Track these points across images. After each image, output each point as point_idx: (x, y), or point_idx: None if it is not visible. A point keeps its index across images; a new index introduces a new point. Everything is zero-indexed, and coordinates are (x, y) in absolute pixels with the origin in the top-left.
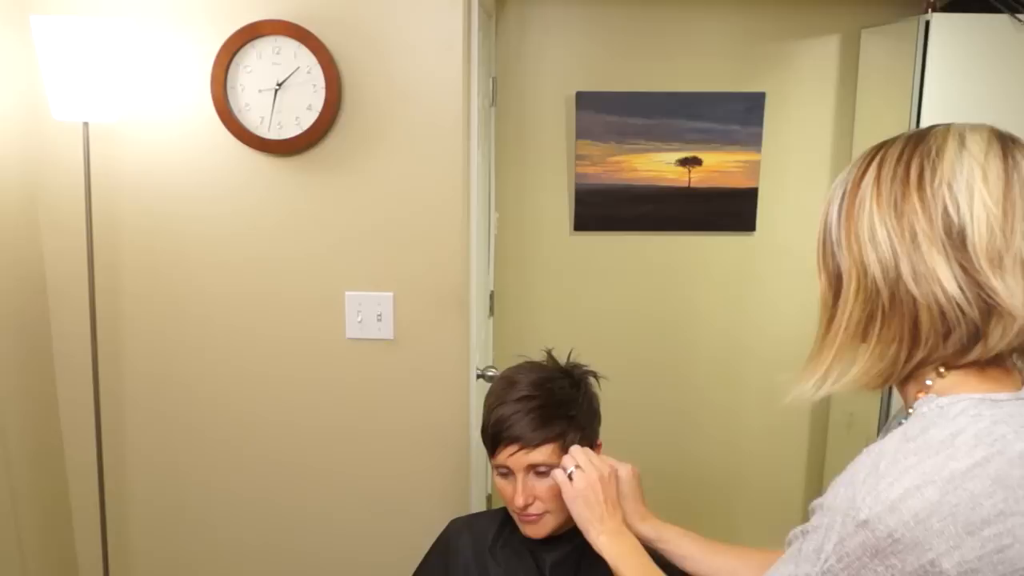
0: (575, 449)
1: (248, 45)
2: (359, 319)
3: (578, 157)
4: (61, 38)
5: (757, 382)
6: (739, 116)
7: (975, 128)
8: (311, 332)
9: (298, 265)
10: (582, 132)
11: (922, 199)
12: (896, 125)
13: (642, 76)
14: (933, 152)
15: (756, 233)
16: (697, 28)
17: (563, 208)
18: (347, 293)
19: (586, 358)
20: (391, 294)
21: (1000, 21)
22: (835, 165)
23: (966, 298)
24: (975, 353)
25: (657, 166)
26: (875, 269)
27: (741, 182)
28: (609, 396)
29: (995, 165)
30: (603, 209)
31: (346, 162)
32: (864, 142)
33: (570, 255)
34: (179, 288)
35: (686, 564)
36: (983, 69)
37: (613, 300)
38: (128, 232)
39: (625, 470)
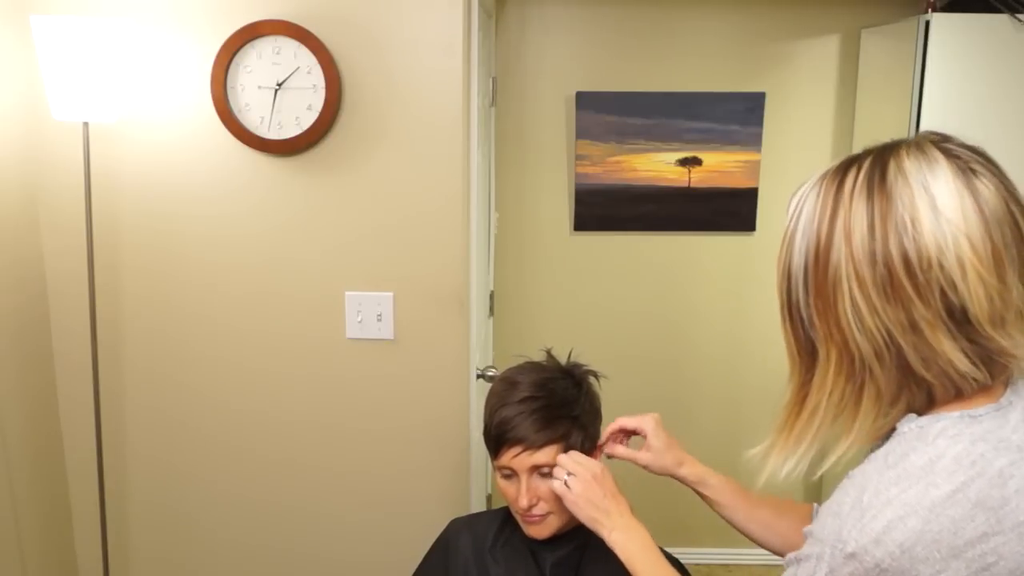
0: (562, 458)
1: (248, 45)
2: (359, 319)
3: (578, 157)
4: (61, 38)
5: (757, 382)
6: (739, 116)
7: (935, 170)
8: (311, 332)
9: (298, 265)
10: (582, 132)
11: (916, 285)
12: (896, 125)
13: (642, 76)
14: (909, 225)
15: (756, 233)
16: (697, 28)
17: (563, 208)
18: (347, 293)
19: (586, 358)
20: (391, 294)
21: (1000, 21)
22: None
23: (977, 366)
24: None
25: (657, 166)
26: (866, 352)
27: (741, 182)
28: (609, 396)
29: (975, 222)
30: (603, 209)
31: (346, 162)
32: (864, 142)
33: (570, 255)
34: (179, 288)
35: (724, 512)
36: (983, 69)
37: (613, 300)
38: (128, 232)
39: (649, 422)
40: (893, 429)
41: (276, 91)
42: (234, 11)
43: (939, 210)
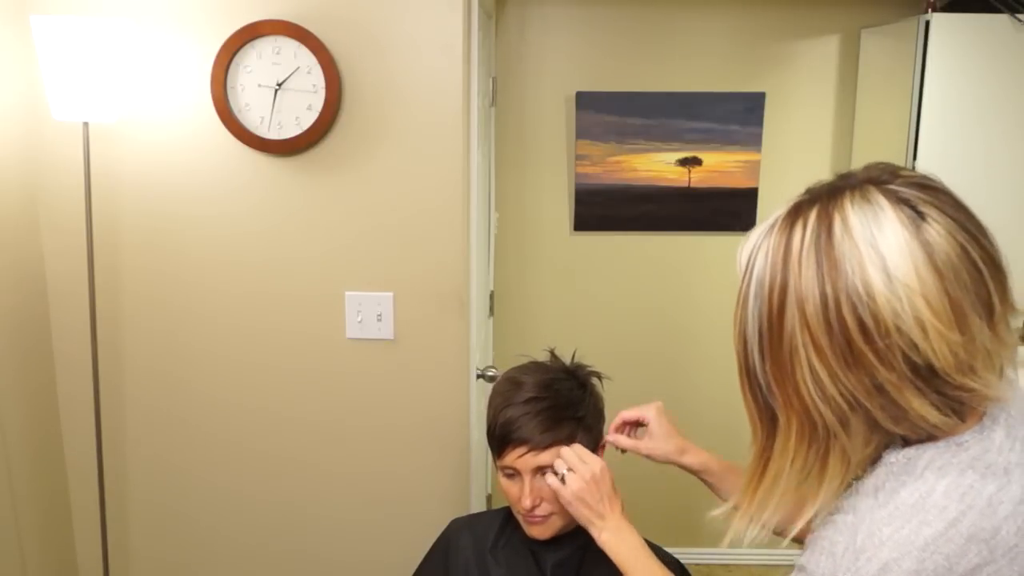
0: (565, 451)
1: (248, 45)
2: (359, 319)
3: (578, 157)
4: (61, 38)
5: None
6: (739, 116)
7: (882, 224)
8: (311, 332)
9: (298, 265)
10: (582, 132)
11: (876, 351)
12: (896, 125)
13: (642, 76)
14: (862, 292)
15: None
16: (697, 28)
17: (563, 208)
18: (347, 293)
19: (587, 357)
20: (391, 294)
21: (1000, 21)
22: (835, 165)
23: (947, 415)
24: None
25: (657, 166)
26: (829, 419)
27: (741, 182)
28: (610, 395)
29: (930, 280)
30: (603, 209)
31: (346, 162)
32: (864, 142)
33: (570, 255)
34: (179, 288)
35: (727, 497)
36: (983, 69)
37: (613, 300)
38: (128, 232)
39: (651, 411)
40: (879, 457)
41: (276, 91)
42: (234, 11)
43: (891, 274)
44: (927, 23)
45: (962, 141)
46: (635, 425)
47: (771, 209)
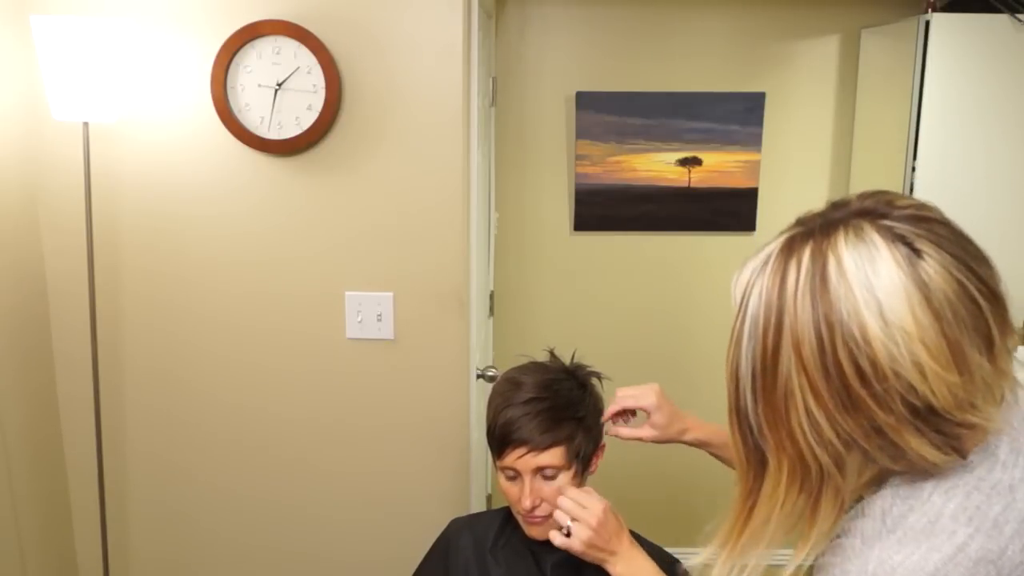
0: (563, 501)
1: (248, 45)
2: (359, 319)
3: (578, 157)
4: (61, 38)
5: None
6: (739, 116)
7: (877, 265)
8: (311, 332)
9: (298, 265)
10: (582, 132)
11: (874, 395)
12: (896, 125)
13: (642, 76)
14: (859, 338)
15: (756, 233)
16: (697, 28)
17: (563, 208)
18: (347, 293)
19: (587, 358)
20: (391, 294)
21: (1000, 21)
22: (835, 165)
23: (947, 453)
24: None
25: (657, 166)
26: (825, 462)
27: (741, 182)
28: (610, 395)
29: (927, 323)
30: (603, 209)
31: (346, 162)
32: (864, 142)
33: (570, 255)
34: (179, 288)
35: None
36: (983, 69)
37: (613, 300)
38: (128, 232)
39: (651, 397)
40: (884, 480)
41: (276, 91)
42: (234, 11)
43: (887, 319)
44: (927, 23)
45: (962, 141)
46: (632, 412)
47: (771, 209)
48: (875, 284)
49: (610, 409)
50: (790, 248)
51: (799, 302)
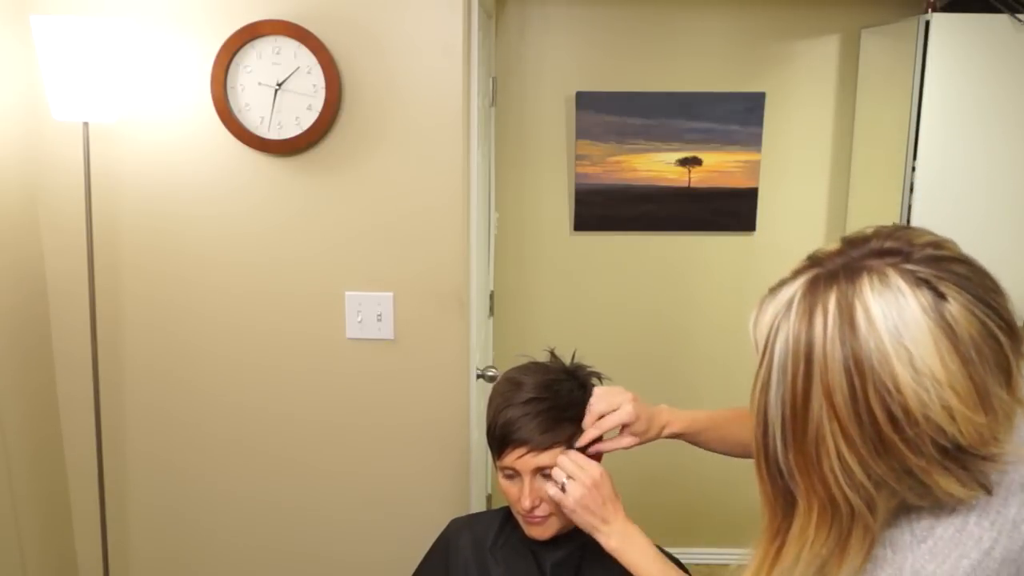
0: (562, 459)
1: (248, 45)
2: (359, 319)
3: (578, 157)
4: (61, 38)
5: None
6: (739, 116)
7: (905, 314)
8: (311, 332)
9: (298, 265)
10: (582, 132)
11: (905, 440)
12: (896, 125)
13: (642, 76)
14: (891, 387)
15: (756, 233)
16: (697, 28)
17: (563, 208)
18: (347, 293)
19: (586, 358)
20: (391, 294)
21: (1000, 21)
22: (835, 165)
23: (973, 489)
24: None
25: (657, 166)
26: (856, 504)
27: (741, 182)
28: None
29: (955, 368)
30: (603, 209)
31: (346, 162)
32: (864, 142)
33: (570, 255)
34: (179, 288)
35: (708, 447)
36: (983, 69)
37: (613, 300)
38: (128, 232)
39: (627, 414)
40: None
41: (276, 91)
42: (234, 11)
43: (918, 368)
44: (927, 23)
45: (962, 141)
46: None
47: (771, 209)
48: (904, 334)
49: (588, 435)
50: (814, 292)
51: (829, 351)
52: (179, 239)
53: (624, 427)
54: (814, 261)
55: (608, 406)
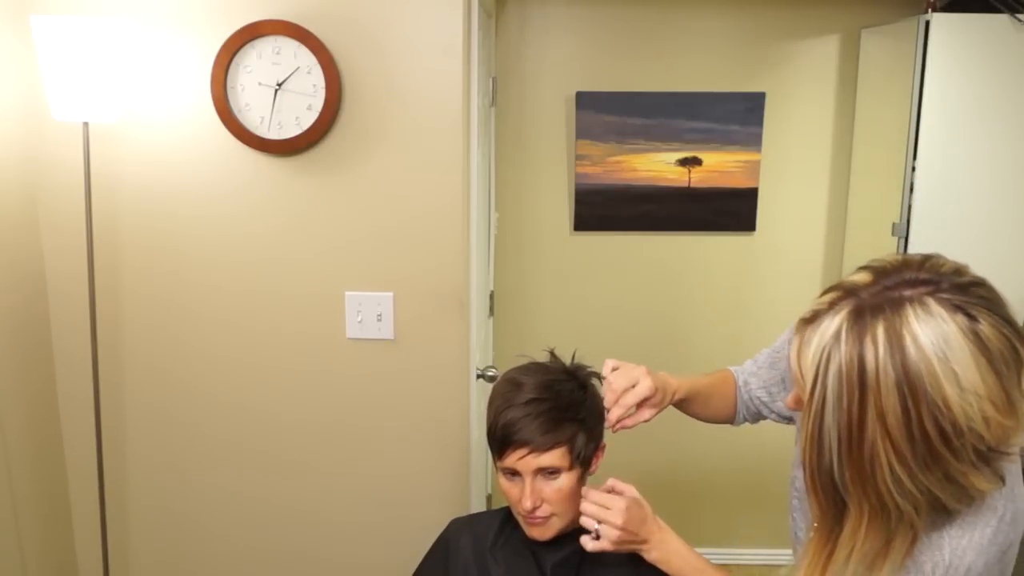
0: (585, 506)
1: (248, 45)
2: (359, 319)
3: (578, 157)
4: (61, 38)
5: None
6: (739, 116)
7: (950, 340)
8: (311, 332)
9: (298, 265)
10: (582, 132)
11: (951, 450)
12: (896, 125)
13: (642, 76)
14: (940, 404)
15: (756, 233)
16: (697, 28)
17: (563, 208)
18: (347, 293)
19: (586, 358)
20: (391, 294)
21: (1000, 21)
22: (835, 165)
23: (995, 483)
24: None
25: (657, 166)
26: (906, 509)
27: (741, 182)
28: None
29: (992, 383)
30: (603, 209)
31: (346, 162)
32: (864, 142)
33: (570, 255)
34: (179, 288)
35: (697, 415)
36: (983, 69)
37: (613, 300)
38: (128, 232)
39: (647, 388)
40: None
41: (276, 91)
42: (234, 11)
43: (963, 386)
44: (927, 23)
45: (962, 141)
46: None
47: (771, 209)
48: (950, 356)
49: (614, 414)
50: (860, 323)
51: (882, 377)
52: (179, 239)
53: (643, 401)
54: (848, 291)
55: (628, 381)
